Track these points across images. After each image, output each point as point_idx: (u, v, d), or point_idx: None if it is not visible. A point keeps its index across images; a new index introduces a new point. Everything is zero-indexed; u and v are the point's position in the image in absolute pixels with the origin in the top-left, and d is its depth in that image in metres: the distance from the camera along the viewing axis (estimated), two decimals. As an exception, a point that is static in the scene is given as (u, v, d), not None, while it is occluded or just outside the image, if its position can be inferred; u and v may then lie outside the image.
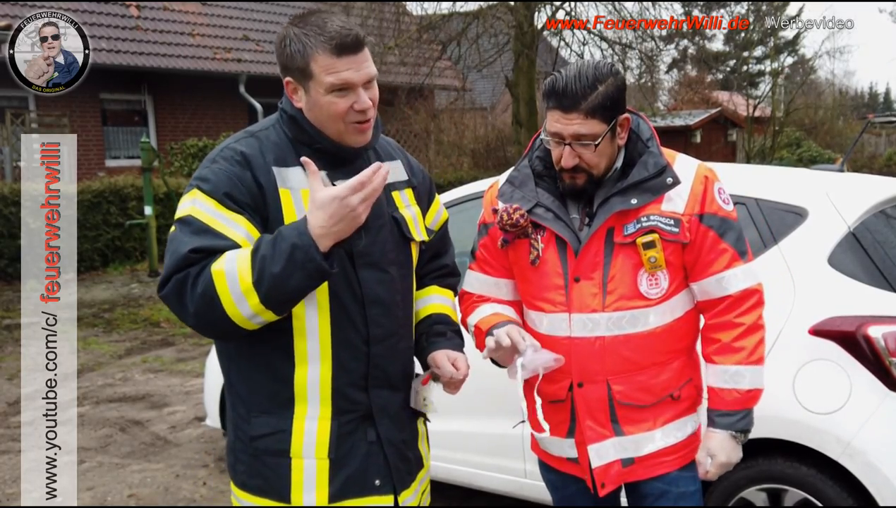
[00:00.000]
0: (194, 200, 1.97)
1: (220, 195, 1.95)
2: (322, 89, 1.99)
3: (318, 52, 1.97)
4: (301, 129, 2.07)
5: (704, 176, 2.30)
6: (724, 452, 2.28)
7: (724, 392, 2.28)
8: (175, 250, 1.92)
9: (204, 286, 1.86)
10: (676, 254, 2.27)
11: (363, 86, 2.01)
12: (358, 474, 2.10)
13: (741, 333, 2.27)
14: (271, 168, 2.02)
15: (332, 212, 1.86)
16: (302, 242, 1.84)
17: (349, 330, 2.06)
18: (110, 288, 11.24)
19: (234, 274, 1.86)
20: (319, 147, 2.06)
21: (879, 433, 2.89)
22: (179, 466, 5.14)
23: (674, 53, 31.42)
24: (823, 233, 3.18)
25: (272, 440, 2.07)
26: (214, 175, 1.98)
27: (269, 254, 1.85)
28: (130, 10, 16.44)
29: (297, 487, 2.07)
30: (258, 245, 1.89)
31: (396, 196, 2.22)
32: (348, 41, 1.96)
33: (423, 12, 17.33)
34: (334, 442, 2.07)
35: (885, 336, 2.88)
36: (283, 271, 1.84)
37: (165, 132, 16.75)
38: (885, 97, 57.26)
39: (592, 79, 2.17)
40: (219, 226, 1.93)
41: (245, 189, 1.97)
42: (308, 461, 2.07)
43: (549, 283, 2.32)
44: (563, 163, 2.24)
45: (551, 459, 2.52)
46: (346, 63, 1.97)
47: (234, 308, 1.88)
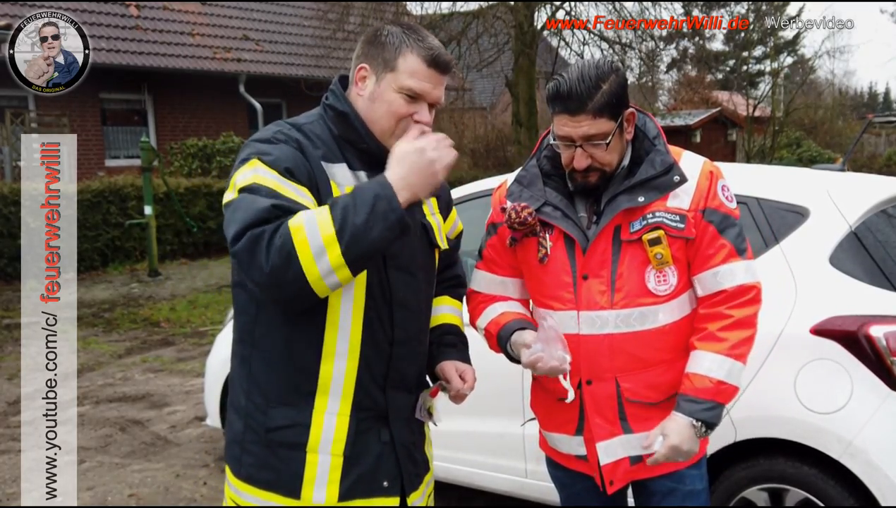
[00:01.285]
0: (256, 169, 1.93)
1: (283, 169, 1.93)
2: (396, 86, 2.03)
3: (412, 52, 2.03)
4: (350, 127, 2.08)
5: (710, 172, 2.31)
6: (679, 436, 2.20)
7: (696, 377, 2.24)
8: (249, 206, 1.85)
9: (282, 239, 1.80)
10: (683, 250, 2.28)
11: (429, 104, 2.08)
12: (369, 474, 2.10)
13: (728, 325, 2.25)
14: (321, 162, 2.02)
15: (411, 162, 1.89)
16: (385, 193, 1.83)
17: (378, 328, 2.07)
18: (110, 288, 11.24)
19: (313, 226, 1.80)
20: (365, 147, 2.08)
21: (881, 432, 2.88)
22: (180, 466, 5.14)
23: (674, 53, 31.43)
24: (825, 233, 3.18)
25: (290, 432, 2.05)
26: (276, 150, 1.96)
27: (351, 205, 1.82)
28: (130, 9, 16.44)
29: (309, 483, 2.05)
30: (336, 199, 1.86)
31: (424, 203, 2.23)
32: (443, 59, 2.05)
33: (423, 12, 17.34)
34: (351, 439, 2.06)
35: (887, 335, 2.87)
36: (367, 221, 1.81)
37: (165, 132, 16.76)
38: (884, 97, 57.28)
39: (596, 78, 2.18)
40: (286, 192, 1.90)
41: (305, 171, 1.96)
42: (323, 456, 2.05)
43: (557, 281, 2.33)
44: (575, 164, 2.25)
45: (559, 456, 2.53)
46: (430, 76, 2.04)
47: (311, 263, 1.80)
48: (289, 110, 18.71)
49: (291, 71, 18.06)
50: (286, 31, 19.22)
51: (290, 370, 2.05)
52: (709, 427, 2.24)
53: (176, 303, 10.28)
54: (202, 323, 9.30)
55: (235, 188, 1.93)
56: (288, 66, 18.23)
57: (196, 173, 15.23)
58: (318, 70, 17.11)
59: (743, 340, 2.25)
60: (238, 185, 1.93)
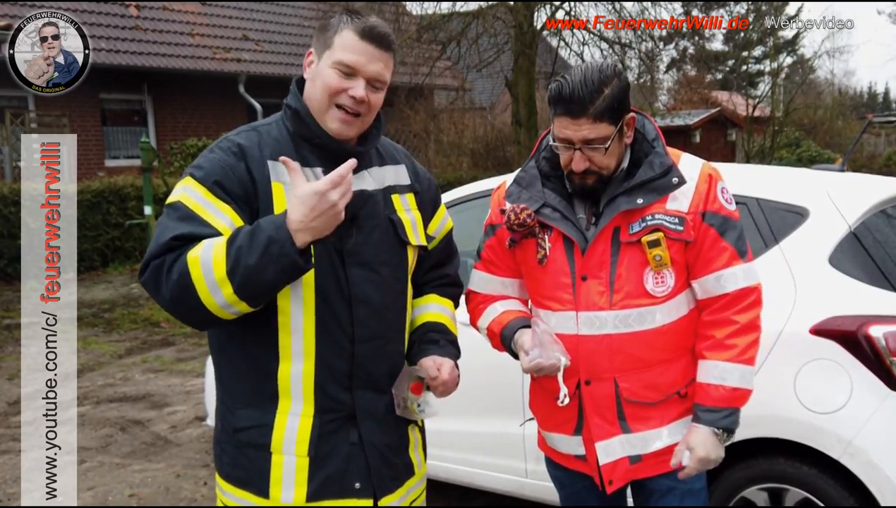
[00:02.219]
0: (185, 187, 2.00)
1: (211, 183, 1.97)
2: (330, 61, 2.03)
3: (346, 29, 2.03)
4: (302, 123, 2.09)
5: (709, 174, 2.32)
6: (704, 448, 2.26)
7: (710, 387, 2.28)
8: (158, 236, 1.94)
9: (179, 272, 1.88)
10: (681, 253, 2.28)
11: (368, 81, 2.04)
12: (338, 474, 2.09)
13: (734, 331, 2.27)
14: (267, 161, 2.03)
15: (311, 207, 1.86)
16: (279, 236, 1.85)
17: (334, 327, 2.05)
18: (110, 288, 11.24)
19: (208, 262, 1.86)
20: (319, 142, 2.08)
21: (880, 432, 2.88)
22: (180, 466, 5.14)
23: (673, 53, 31.43)
24: (824, 233, 3.18)
25: (254, 433, 2.08)
26: (208, 163, 2.01)
27: (246, 245, 1.85)
28: (130, 9, 16.44)
29: (276, 483, 2.07)
30: (235, 234, 1.89)
31: (396, 199, 2.21)
32: (375, 31, 2.03)
33: (422, 12, 17.34)
34: (315, 440, 2.06)
35: (886, 335, 2.87)
36: (258, 263, 1.84)
37: (165, 132, 16.75)
38: (884, 97, 57.28)
39: (598, 82, 2.18)
40: (204, 213, 1.95)
41: (236, 179, 1.99)
42: (288, 457, 2.07)
43: (556, 282, 2.34)
44: (574, 167, 2.26)
45: (559, 456, 2.53)
46: (364, 49, 2.03)
47: (208, 296, 1.88)
48: (288, 110, 18.69)
49: (291, 71, 18.05)
50: (286, 31, 19.22)
51: (252, 372, 2.08)
52: (730, 432, 2.29)
53: (176, 303, 10.26)
54: (202, 324, 9.28)
55: (167, 201, 2.02)
56: (288, 67, 18.23)
57: (196, 173, 15.21)
58: (317, 70, 17.08)
59: (750, 344, 2.28)
60: (169, 199, 2.02)
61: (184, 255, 1.88)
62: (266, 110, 17.39)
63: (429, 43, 16.24)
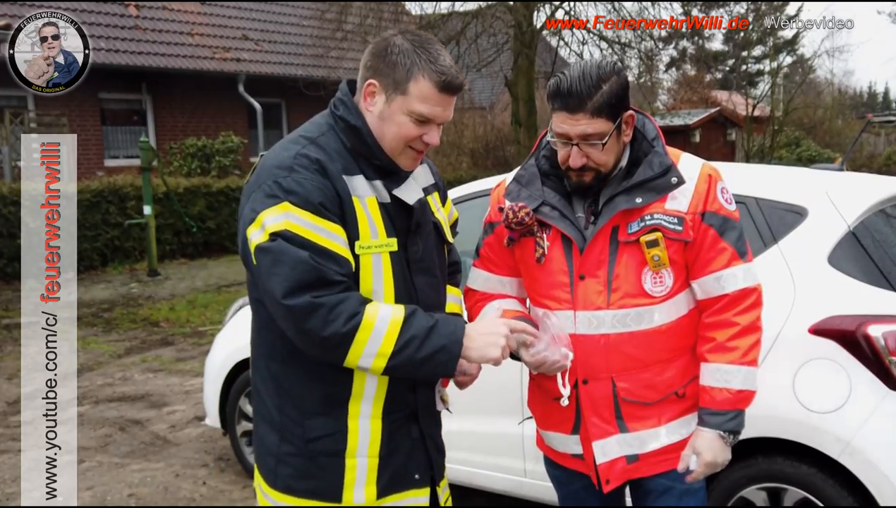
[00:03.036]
0: (287, 214, 1.93)
1: (315, 205, 1.94)
2: (406, 109, 2.02)
3: (424, 76, 2.00)
4: (363, 142, 2.07)
5: (708, 174, 2.31)
6: (711, 452, 2.26)
7: (714, 391, 2.28)
8: (294, 259, 1.90)
9: (349, 326, 1.91)
10: (680, 253, 2.28)
11: (437, 125, 2.08)
12: (401, 469, 2.17)
13: (736, 333, 2.27)
14: (342, 176, 2.02)
15: (486, 344, 2.03)
16: (452, 349, 1.98)
17: None
18: (109, 288, 11.24)
19: (380, 334, 1.93)
20: (378, 163, 2.08)
21: (879, 432, 2.89)
22: (179, 465, 5.14)
23: (673, 53, 31.43)
24: (823, 233, 3.18)
25: (330, 440, 2.09)
26: (300, 185, 1.95)
27: (420, 338, 1.95)
28: (129, 9, 16.44)
29: (349, 486, 2.11)
30: (412, 316, 1.97)
31: (430, 200, 2.25)
32: (455, 84, 2.03)
33: (422, 12, 17.34)
34: (385, 440, 2.12)
35: (885, 335, 2.88)
36: (421, 360, 1.97)
37: (164, 131, 16.75)
38: (883, 96, 57.28)
39: (597, 78, 2.18)
40: (320, 239, 1.93)
41: (330, 196, 1.98)
42: (361, 459, 2.11)
43: (554, 281, 2.33)
44: (571, 162, 2.26)
45: (556, 455, 2.53)
46: (442, 101, 2.04)
47: (357, 355, 1.95)
48: (288, 110, 18.72)
49: (290, 71, 18.07)
50: (285, 30, 19.22)
51: (321, 382, 2.08)
52: (736, 434, 2.29)
53: (175, 303, 10.28)
54: (201, 323, 9.30)
55: (266, 230, 1.93)
56: (287, 66, 18.24)
57: (195, 173, 15.24)
58: (316, 70, 17.09)
59: (752, 345, 2.28)
60: (268, 228, 1.93)
61: (360, 313, 1.92)
62: (265, 110, 17.42)
63: (428, 42, 16.22)
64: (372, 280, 2.03)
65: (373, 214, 2.04)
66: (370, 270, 2.03)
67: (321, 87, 13.81)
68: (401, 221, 2.10)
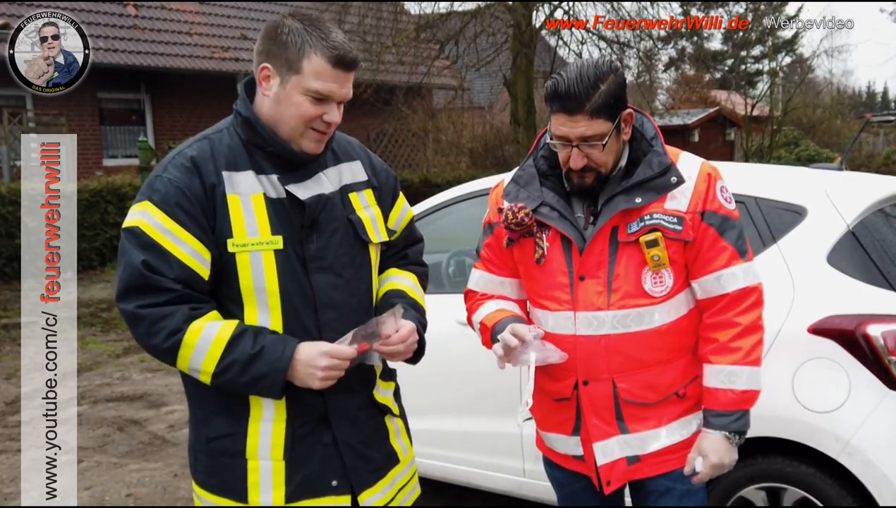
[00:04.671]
0: (143, 212, 1.99)
1: (171, 207, 1.98)
2: (301, 88, 2.00)
3: (316, 53, 1.99)
4: (254, 132, 2.07)
5: (708, 173, 2.31)
6: (717, 453, 2.27)
7: (719, 392, 2.28)
8: (128, 261, 1.98)
9: (172, 340, 1.97)
10: (680, 253, 2.28)
11: (337, 103, 2.05)
12: (314, 475, 2.12)
13: (738, 333, 2.26)
14: (222, 172, 2.03)
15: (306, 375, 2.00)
16: (275, 378, 1.98)
17: (301, 334, 2.05)
18: (108, 288, 11.23)
19: (201, 353, 1.97)
20: (272, 150, 2.07)
21: (878, 431, 2.89)
22: (177, 465, 5.14)
23: (672, 53, 31.39)
24: (822, 232, 3.18)
25: (228, 441, 2.10)
26: (164, 186, 2.00)
27: (241, 364, 1.97)
28: (128, 9, 16.42)
29: (254, 487, 2.10)
30: (236, 340, 1.97)
31: (354, 197, 2.20)
32: (348, 58, 2.01)
33: (421, 11, 17.33)
34: (289, 444, 2.09)
35: (885, 334, 2.88)
36: (243, 384, 2.00)
37: (163, 131, 16.74)
38: (882, 96, 57.31)
39: (594, 79, 2.17)
40: (165, 242, 1.97)
41: (193, 197, 1.99)
42: (264, 462, 2.09)
43: (554, 282, 2.33)
44: (571, 164, 2.25)
45: (557, 456, 2.53)
46: (336, 76, 2.01)
47: (185, 366, 2.02)
48: (287, 110, 18.67)
49: (289, 70, 18.03)
50: (284, 30, 19.19)
51: None
52: (741, 434, 2.30)
53: (174, 303, 10.26)
54: (200, 323, 9.29)
55: (124, 224, 2.03)
56: (286, 66, 18.21)
57: (194, 173, 15.21)
58: (316, 69, 17.06)
59: (754, 345, 2.27)
60: (126, 222, 2.03)
61: (184, 328, 1.96)
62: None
63: (427, 42, 16.22)
64: (252, 278, 2.02)
65: (256, 211, 2.02)
66: (248, 268, 2.01)
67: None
68: (297, 218, 2.06)
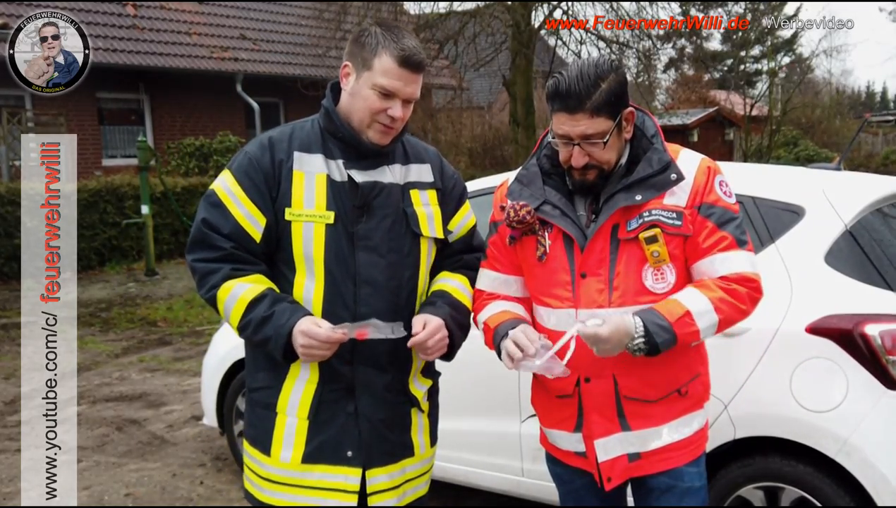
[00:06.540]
0: (221, 177, 2.33)
1: (241, 174, 2.29)
2: (370, 83, 2.25)
3: (386, 53, 2.23)
4: (330, 120, 2.32)
5: (707, 167, 2.32)
6: (616, 331, 2.12)
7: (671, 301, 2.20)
8: (197, 218, 2.32)
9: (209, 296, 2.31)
10: (680, 248, 2.28)
11: (403, 100, 2.27)
12: (333, 441, 2.30)
13: (724, 288, 2.21)
14: (294, 152, 2.30)
15: (305, 345, 2.18)
16: (277, 342, 2.21)
17: (339, 304, 2.27)
18: (107, 288, 11.24)
19: (229, 310, 2.27)
20: (341, 136, 2.31)
21: (876, 431, 2.90)
22: (177, 465, 5.14)
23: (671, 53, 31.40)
24: (820, 232, 3.19)
25: (265, 393, 2.35)
26: (242, 157, 2.32)
27: (255, 323, 2.23)
28: (127, 8, 16.41)
29: (278, 441, 2.32)
30: (256, 302, 2.23)
31: (415, 194, 2.40)
32: (414, 60, 2.25)
33: (420, 11, 17.32)
34: (315, 406, 2.29)
35: (882, 334, 2.88)
36: (258, 343, 2.28)
37: (162, 131, 16.73)
38: (881, 96, 57.34)
39: (595, 77, 2.19)
40: (230, 204, 2.28)
41: (261, 169, 2.28)
42: (290, 418, 2.31)
43: (556, 279, 2.34)
44: (573, 162, 2.27)
45: (559, 453, 2.54)
46: (402, 75, 2.24)
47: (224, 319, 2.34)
48: (286, 109, 18.69)
49: (289, 70, 18.04)
50: (283, 30, 19.20)
51: None
52: (648, 347, 2.15)
53: (173, 303, 10.27)
54: (199, 323, 9.30)
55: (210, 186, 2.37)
56: (285, 66, 18.21)
57: (193, 172, 15.21)
58: (315, 69, 17.07)
59: (730, 304, 2.20)
60: (211, 185, 2.36)
61: (217, 287, 2.27)
62: (263, 109, 17.39)
63: (426, 42, 16.20)
64: (303, 246, 2.26)
65: (317, 188, 2.27)
66: (300, 237, 2.27)
67: (319, 87, 13.79)
68: (352, 199, 2.29)
